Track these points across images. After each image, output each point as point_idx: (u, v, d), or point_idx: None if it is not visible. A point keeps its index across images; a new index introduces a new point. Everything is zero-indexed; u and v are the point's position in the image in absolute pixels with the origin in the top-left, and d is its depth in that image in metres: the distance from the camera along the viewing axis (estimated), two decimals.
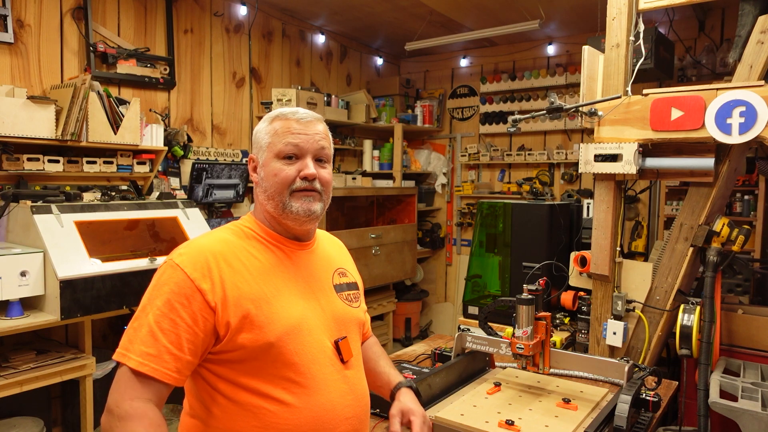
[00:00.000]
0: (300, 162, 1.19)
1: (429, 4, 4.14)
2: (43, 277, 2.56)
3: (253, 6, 4.29)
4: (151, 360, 1.02)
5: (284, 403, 1.10)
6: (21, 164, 2.87)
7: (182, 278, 1.07)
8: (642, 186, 3.96)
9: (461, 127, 5.60)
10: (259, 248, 1.20)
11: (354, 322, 1.30)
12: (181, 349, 1.04)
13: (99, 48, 3.33)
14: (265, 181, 1.20)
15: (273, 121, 1.23)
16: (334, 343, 1.20)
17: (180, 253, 1.12)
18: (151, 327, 1.04)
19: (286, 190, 1.18)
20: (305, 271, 1.24)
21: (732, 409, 1.99)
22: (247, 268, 1.14)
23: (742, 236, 2.26)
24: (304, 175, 1.18)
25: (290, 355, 1.12)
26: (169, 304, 1.06)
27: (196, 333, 1.06)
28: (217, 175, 3.85)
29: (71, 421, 2.99)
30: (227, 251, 1.15)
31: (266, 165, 1.20)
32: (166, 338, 1.03)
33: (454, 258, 5.67)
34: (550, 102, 2.36)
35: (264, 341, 1.09)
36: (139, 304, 1.10)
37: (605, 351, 2.46)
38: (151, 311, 1.06)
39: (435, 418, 1.52)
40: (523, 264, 2.91)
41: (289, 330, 1.13)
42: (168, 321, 1.04)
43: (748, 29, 2.25)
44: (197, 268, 1.09)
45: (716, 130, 2.11)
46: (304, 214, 1.19)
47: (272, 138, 1.20)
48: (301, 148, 1.19)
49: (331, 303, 1.26)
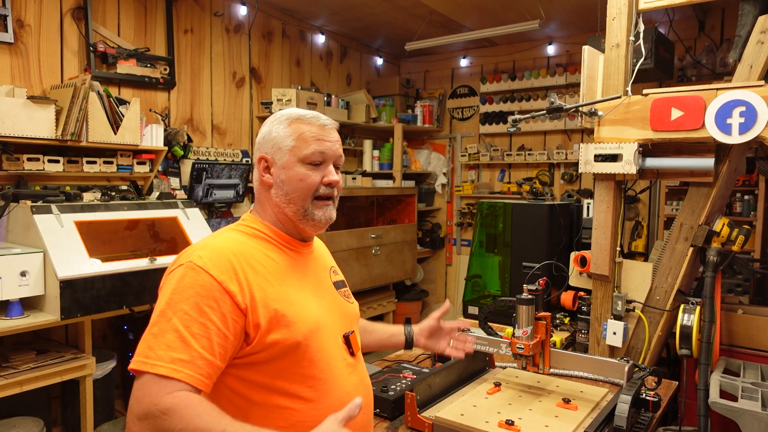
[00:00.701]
0: (323, 168, 1.21)
1: (429, 4, 4.14)
2: (43, 277, 2.56)
3: (253, 6, 4.29)
4: (184, 366, 0.98)
5: (307, 400, 1.13)
6: (21, 164, 2.87)
7: (208, 280, 1.05)
8: (642, 186, 3.96)
9: (461, 127, 5.60)
10: (271, 249, 1.21)
11: (355, 318, 1.35)
12: (213, 354, 1.02)
13: (99, 48, 3.33)
14: (287, 185, 1.20)
15: (293, 122, 1.22)
16: (343, 337, 1.25)
17: (199, 255, 1.09)
18: (180, 332, 1.00)
19: (310, 196, 1.20)
20: (311, 271, 1.28)
21: (732, 409, 1.99)
22: (267, 269, 1.15)
23: (742, 236, 2.26)
24: (329, 182, 1.21)
25: (313, 352, 1.14)
26: (198, 307, 1.02)
27: (227, 337, 1.04)
28: (217, 175, 3.85)
29: (71, 421, 2.99)
30: (246, 252, 1.14)
31: (288, 168, 1.20)
32: (198, 343, 1.00)
33: (454, 258, 5.67)
34: (550, 102, 2.36)
35: (292, 341, 1.11)
36: (155, 310, 1.06)
37: (605, 351, 2.46)
38: (176, 316, 1.02)
39: (435, 418, 1.52)
40: (523, 264, 2.91)
41: (312, 328, 1.15)
42: (198, 325, 1.01)
43: (748, 29, 2.25)
44: (223, 269, 1.07)
45: (716, 130, 2.11)
46: (325, 221, 1.23)
47: (297, 141, 1.20)
48: (326, 155, 1.21)
49: (336, 300, 1.30)
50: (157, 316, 1.04)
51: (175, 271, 1.09)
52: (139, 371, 0.99)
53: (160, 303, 1.06)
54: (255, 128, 4.41)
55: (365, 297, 4.74)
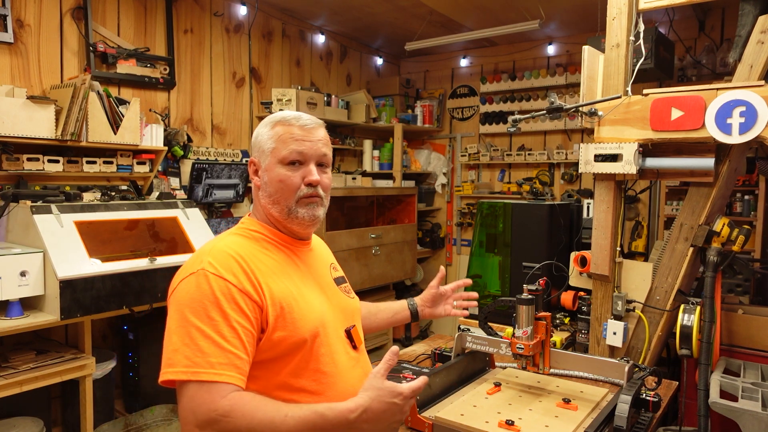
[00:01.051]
0: (304, 168, 1.23)
1: (429, 4, 4.14)
2: (43, 277, 2.56)
3: (253, 6, 4.29)
4: (224, 368, 1.02)
5: (312, 392, 1.16)
6: (21, 164, 2.87)
7: (225, 284, 1.08)
8: (642, 186, 3.96)
9: (461, 127, 5.60)
10: (271, 249, 1.24)
11: (356, 312, 1.40)
12: (246, 353, 1.07)
13: (99, 48, 3.33)
14: (270, 186, 1.23)
15: (275, 125, 1.25)
16: (345, 332, 1.29)
17: (209, 261, 1.12)
18: (213, 338, 1.03)
19: (293, 196, 1.22)
20: (311, 268, 1.31)
21: (732, 409, 1.99)
22: (270, 269, 1.18)
23: (742, 236, 2.26)
24: (309, 182, 1.22)
25: (318, 347, 1.18)
26: (222, 311, 1.06)
27: (253, 334, 1.09)
28: (217, 175, 3.85)
29: (71, 421, 2.99)
30: (248, 254, 1.17)
31: (270, 170, 1.23)
32: (231, 345, 1.04)
33: (454, 258, 5.67)
34: (550, 102, 2.36)
35: (299, 337, 1.14)
36: (173, 319, 1.08)
37: (605, 351, 2.46)
38: (203, 323, 1.04)
39: (435, 418, 1.52)
40: (523, 264, 2.91)
41: (317, 324, 1.19)
42: (228, 328, 1.05)
43: (748, 29, 2.25)
44: (235, 272, 1.11)
45: (716, 130, 2.11)
46: (309, 219, 1.25)
47: (276, 143, 1.23)
48: (305, 155, 1.23)
49: (337, 296, 1.34)
50: (176, 327, 1.06)
51: (187, 279, 1.11)
52: (182, 381, 1.02)
53: (179, 312, 1.07)
54: (255, 128, 4.41)
55: (365, 297, 4.71)
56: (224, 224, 3.92)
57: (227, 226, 3.92)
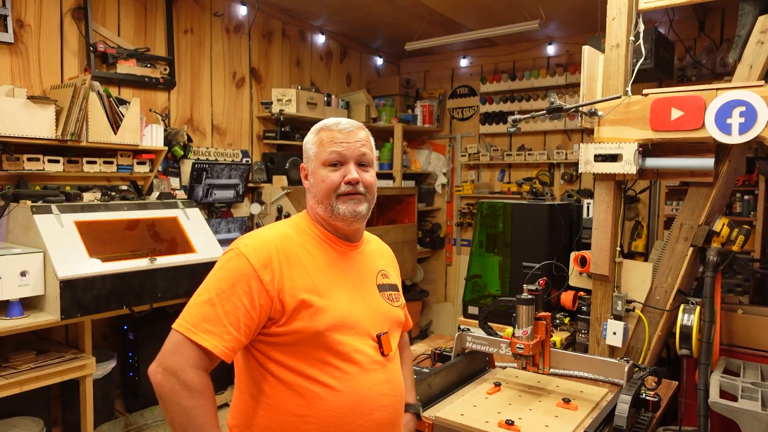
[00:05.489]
0: (344, 168, 1.32)
1: (429, 4, 4.14)
2: (43, 277, 2.56)
3: (253, 6, 4.29)
4: (212, 337, 1.14)
5: (328, 386, 1.22)
6: (21, 164, 2.87)
7: (246, 266, 1.20)
8: (642, 186, 3.96)
9: (461, 127, 5.60)
10: (314, 245, 1.33)
11: (395, 321, 1.41)
12: (239, 331, 1.17)
13: (99, 48, 3.33)
14: (315, 187, 1.34)
15: (319, 132, 1.36)
16: (376, 336, 1.32)
17: (245, 243, 1.25)
18: (216, 308, 1.16)
19: (333, 194, 1.31)
20: (353, 270, 1.37)
21: (732, 409, 1.99)
22: (303, 263, 1.27)
23: (742, 236, 2.26)
24: (348, 180, 1.31)
25: (335, 344, 1.23)
26: (233, 288, 1.18)
27: (253, 317, 1.18)
28: (217, 175, 3.85)
29: (71, 421, 2.99)
30: (287, 245, 1.28)
31: (315, 173, 1.34)
32: (228, 319, 1.16)
33: (454, 258, 5.67)
34: (550, 102, 2.36)
35: (314, 330, 1.21)
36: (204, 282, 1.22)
37: (605, 351, 2.46)
38: (215, 292, 1.18)
39: (435, 418, 1.52)
40: (523, 264, 2.91)
41: (337, 321, 1.24)
42: (230, 304, 1.17)
43: (748, 29, 2.25)
44: (260, 258, 1.21)
45: (716, 130, 2.11)
46: (351, 215, 1.32)
47: (318, 148, 1.34)
48: (344, 156, 1.32)
49: (375, 300, 1.38)
50: (202, 288, 1.21)
51: (226, 254, 1.26)
52: (177, 331, 1.16)
53: (208, 278, 1.23)
54: (255, 128, 4.42)
55: None
56: (224, 224, 3.92)
57: (227, 226, 3.93)
